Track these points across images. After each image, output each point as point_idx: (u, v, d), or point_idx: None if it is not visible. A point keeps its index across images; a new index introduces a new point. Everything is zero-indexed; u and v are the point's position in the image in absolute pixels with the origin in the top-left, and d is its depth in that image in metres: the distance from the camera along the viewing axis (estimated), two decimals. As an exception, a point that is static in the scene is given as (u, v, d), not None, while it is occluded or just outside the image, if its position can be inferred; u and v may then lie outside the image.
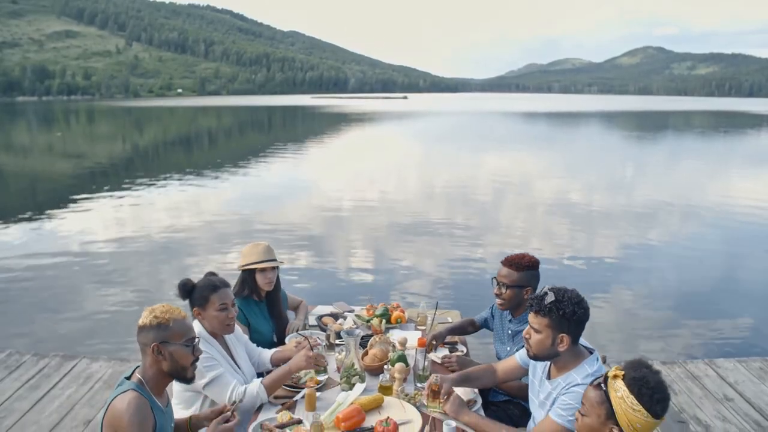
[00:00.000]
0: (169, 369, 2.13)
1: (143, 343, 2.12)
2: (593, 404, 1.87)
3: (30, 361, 5.00)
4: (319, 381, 2.85)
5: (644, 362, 1.86)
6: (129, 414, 1.98)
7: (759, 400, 4.44)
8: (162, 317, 2.11)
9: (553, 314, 2.23)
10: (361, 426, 2.44)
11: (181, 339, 2.13)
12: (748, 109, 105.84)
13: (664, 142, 35.23)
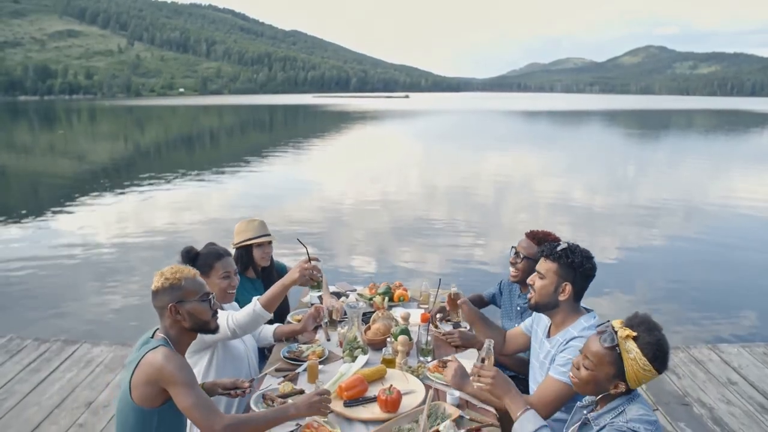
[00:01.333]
0: (191, 326, 2.14)
1: (160, 306, 2.12)
2: (603, 362, 1.86)
3: (31, 346, 4.99)
4: (321, 354, 2.84)
5: (653, 323, 1.85)
6: (173, 362, 2.00)
7: (763, 383, 4.42)
8: (173, 278, 2.12)
9: (562, 260, 2.31)
10: (364, 395, 2.42)
11: (196, 296, 2.14)
12: (751, 108, 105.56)
13: (667, 140, 35.17)
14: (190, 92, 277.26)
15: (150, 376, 1.98)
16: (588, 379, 1.90)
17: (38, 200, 14.53)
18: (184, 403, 1.97)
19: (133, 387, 2.01)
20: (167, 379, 1.97)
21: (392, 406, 2.30)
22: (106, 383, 4.36)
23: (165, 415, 2.05)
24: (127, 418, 2.04)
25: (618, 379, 1.85)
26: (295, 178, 17.98)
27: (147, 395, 2.00)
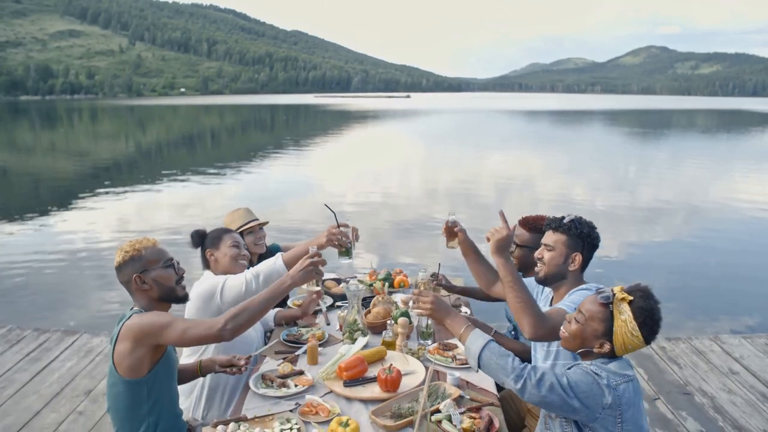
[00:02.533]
0: (159, 294, 2.13)
1: (125, 281, 2.13)
2: (594, 317, 1.88)
3: (31, 336, 4.98)
4: (321, 337, 2.83)
5: (651, 292, 1.86)
6: (148, 314, 2.03)
7: (764, 373, 4.41)
8: (131, 250, 2.13)
9: (571, 231, 2.34)
10: (364, 376, 2.41)
11: (158, 263, 2.14)
12: (752, 107, 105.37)
13: (668, 140, 35.11)
14: (192, 92, 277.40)
15: (135, 339, 1.98)
16: (576, 332, 1.91)
17: (39, 198, 14.54)
18: (176, 333, 1.98)
19: (119, 361, 2.01)
20: (149, 329, 1.97)
21: (392, 385, 2.29)
22: (106, 372, 4.33)
23: (153, 383, 2.06)
24: (118, 395, 2.05)
25: (605, 338, 1.86)
26: (296, 177, 17.95)
27: (134, 363, 1.99)
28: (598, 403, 1.78)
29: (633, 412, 1.81)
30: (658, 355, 4.71)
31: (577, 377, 1.82)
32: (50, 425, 3.65)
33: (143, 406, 2.06)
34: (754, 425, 3.70)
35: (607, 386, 1.79)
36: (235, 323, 2.03)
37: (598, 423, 1.80)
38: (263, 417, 2.12)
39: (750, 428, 3.67)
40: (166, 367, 2.15)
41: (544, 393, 1.79)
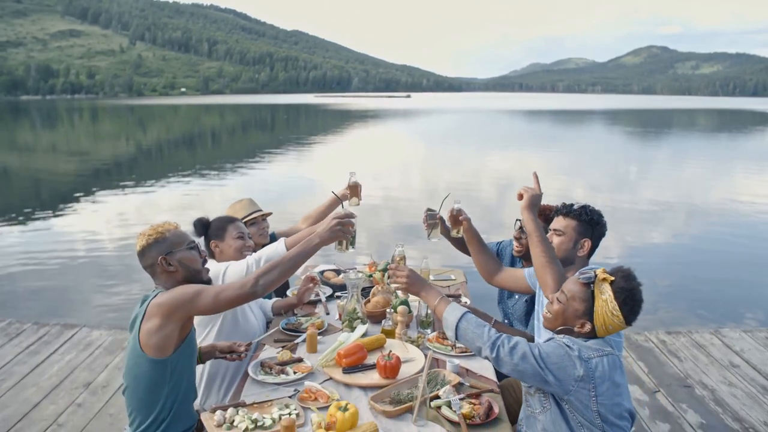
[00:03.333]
0: (185, 275, 2.13)
1: (149, 264, 2.12)
2: (575, 297, 1.90)
3: (30, 329, 4.98)
4: (320, 326, 2.82)
5: (633, 274, 1.89)
6: (176, 289, 2.03)
7: (765, 366, 4.39)
8: (155, 233, 2.12)
9: (582, 217, 2.41)
10: (363, 363, 2.40)
11: (182, 245, 2.14)
12: (753, 107, 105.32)
13: (668, 138, 35.08)
14: (192, 92, 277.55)
15: (165, 314, 1.98)
16: (558, 312, 1.94)
17: (40, 197, 14.52)
18: (209, 299, 1.99)
19: (145, 340, 2.00)
20: (180, 301, 1.98)
21: (391, 371, 2.28)
22: (105, 365, 4.34)
23: (177, 363, 2.06)
24: (141, 375, 2.03)
25: (585, 317, 1.88)
26: (297, 176, 17.92)
27: (161, 342, 1.99)
28: (569, 374, 1.79)
29: (608, 387, 1.81)
30: (659, 349, 4.70)
31: (549, 349, 1.85)
32: (49, 417, 3.64)
33: (165, 386, 2.05)
34: (754, 417, 3.69)
35: (579, 358, 1.80)
36: (266, 279, 2.05)
37: (572, 396, 1.81)
38: (262, 403, 2.12)
39: (751, 420, 3.66)
40: (189, 348, 2.16)
41: (516, 361, 1.83)
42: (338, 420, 1.89)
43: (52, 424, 3.56)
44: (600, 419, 1.82)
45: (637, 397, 3.94)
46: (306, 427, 1.97)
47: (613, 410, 1.83)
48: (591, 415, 1.82)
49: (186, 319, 2.06)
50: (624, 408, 1.86)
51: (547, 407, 1.91)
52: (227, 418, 1.99)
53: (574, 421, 1.86)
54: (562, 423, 1.87)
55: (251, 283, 2.02)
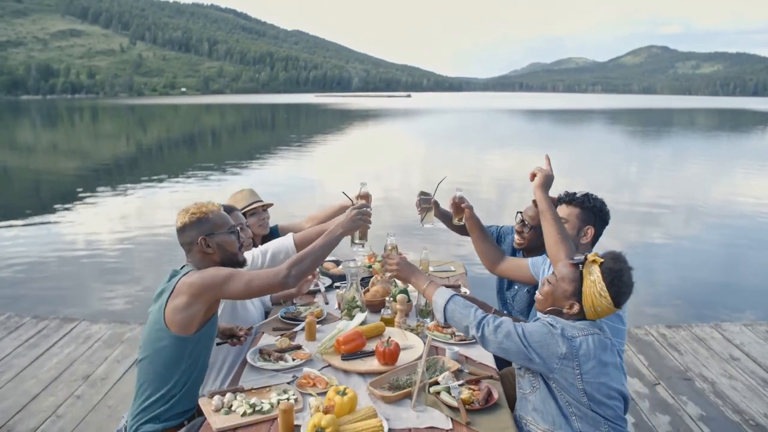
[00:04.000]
0: (221, 258, 2.15)
1: (188, 242, 2.14)
2: (564, 278, 1.93)
3: (29, 323, 4.97)
4: (320, 314, 2.81)
5: (623, 257, 1.91)
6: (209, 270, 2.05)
7: (766, 359, 4.38)
8: (199, 212, 2.14)
9: (585, 204, 2.43)
10: (362, 349, 2.39)
11: (223, 228, 2.17)
12: (754, 107, 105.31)
13: (670, 137, 35.06)
14: (192, 92, 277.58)
15: (194, 293, 1.98)
16: (547, 293, 1.97)
17: (40, 195, 14.51)
18: (240, 284, 2.00)
19: (171, 316, 2.01)
20: (211, 282, 1.99)
21: (390, 358, 2.27)
22: (105, 358, 4.34)
23: (197, 343, 2.07)
24: (163, 349, 2.04)
25: (574, 298, 1.90)
26: (298, 175, 17.89)
27: (186, 320, 2.00)
28: (552, 352, 1.82)
29: (594, 366, 1.82)
30: (659, 342, 4.69)
31: (533, 328, 1.89)
32: (48, 408, 3.63)
33: (183, 363, 2.06)
34: (755, 409, 3.68)
35: (561, 336, 1.83)
36: (298, 269, 2.07)
37: (557, 374, 1.84)
38: (260, 388, 2.11)
39: (751, 413, 3.65)
40: (212, 329, 2.17)
41: (500, 339, 1.89)
42: (336, 404, 1.88)
43: (50, 416, 3.55)
44: (586, 398, 1.83)
45: (637, 390, 3.93)
46: (304, 412, 1.96)
47: (600, 389, 1.84)
48: (577, 394, 1.84)
49: (213, 301, 2.07)
50: (613, 388, 1.86)
51: (536, 387, 1.94)
52: (225, 402, 1.98)
53: (562, 400, 1.88)
54: (551, 402, 1.90)
55: (284, 273, 2.04)
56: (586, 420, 1.86)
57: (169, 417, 2.10)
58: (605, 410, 1.85)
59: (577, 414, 1.86)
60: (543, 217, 2.32)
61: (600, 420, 1.85)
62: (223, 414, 1.94)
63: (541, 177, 2.39)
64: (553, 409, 1.90)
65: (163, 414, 2.09)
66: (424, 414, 1.99)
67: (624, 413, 1.96)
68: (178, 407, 2.11)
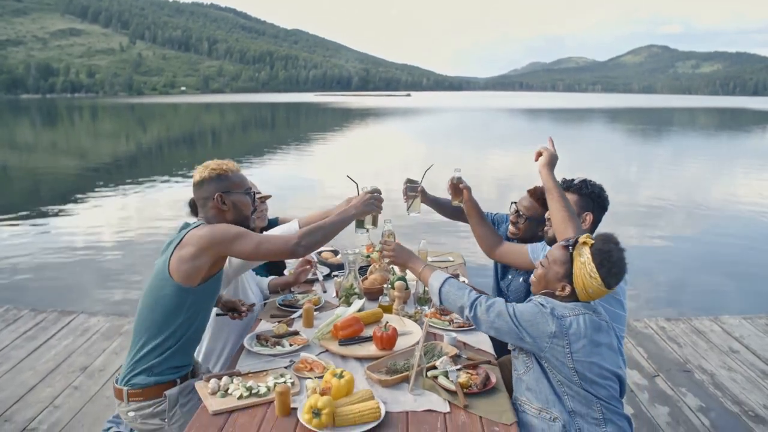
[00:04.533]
0: (234, 218, 2.15)
1: (204, 197, 2.14)
2: (556, 260, 1.94)
3: (28, 316, 4.96)
4: (317, 302, 2.80)
5: (614, 238, 1.91)
6: (221, 225, 2.05)
7: (765, 351, 4.38)
8: (219, 168, 2.16)
9: (583, 191, 2.42)
10: (360, 335, 2.38)
11: (240, 188, 2.18)
12: (753, 106, 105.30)
13: (670, 136, 35.05)
14: (192, 91, 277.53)
15: (202, 246, 1.98)
16: (541, 275, 1.99)
17: (39, 194, 14.45)
18: (250, 245, 2.00)
19: (176, 265, 2.00)
20: (221, 237, 1.99)
21: (388, 343, 2.26)
22: (103, 350, 4.33)
23: (199, 297, 2.07)
24: (163, 297, 2.03)
25: (566, 280, 1.91)
26: (297, 175, 17.86)
27: (191, 270, 2.00)
28: (543, 331, 1.84)
29: (585, 345, 1.82)
30: (658, 335, 4.68)
31: (524, 308, 1.91)
32: (45, 399, 3.62)
33: (181, 315, 2.04)
34: (754, 401, 3.68)
35: (551, 315, 1.85)
36: (309, 240, 2.07)
37: (548, 353, 1.85)
38: (257, 372, 2.10)
39: (750, 404, 3.64)
40: (214, 287, 2.15)
41: (492, 318, 1.93)
42: (333, 386, 1.87)
43: (48, 406, 3.54)
44: (577, 377, 1.84)
45: (636, 381, 3.92)
46: (301, 395, 1.95)
47: (592, 369, 1.84)
48: (568, 372, 1.84)
49: (219, 257, 2.06)
50: (606, 369, 1.86)
51: (529, 366, 1.95)
52: (221, 386, 1.97)
53: (554, 379, 1.89)
54: (544, 381, 1.91)
55: (295, 241, 2.04)
56: (578, 399, 1.86)
57: (162, 371, 2.08)
58: (598, 390, 1.85)
59: (569, 393, 1.87)
60: (550, 195, 2.31)
61: (592, 399, 1.85)
62: (219, 397, 1.93)
63: (546, 156, 2.39)
64: (545, 388, 1.90)
65: (157, 366, 2.07)
66: (421, 397, 1.97)
67: (621, 395, 1.95)
68: (173, 361, 2.09)
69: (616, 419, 1.88)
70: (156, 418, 2.09)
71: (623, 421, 1.90)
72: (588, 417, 1.86)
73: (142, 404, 2.08)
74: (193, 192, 2.18)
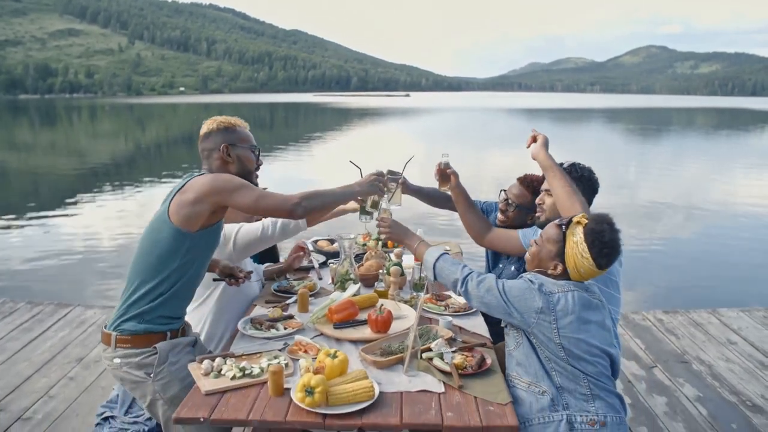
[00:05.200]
0: (237, 171, 2.15)
1: (209, 148, 2.16)
2: (549, 239, 1.96)
3: (24, 308, 4.94)
4: (313, 287, 2.79)
5: (608, 218, 1.91)
6: (224, 175, 2.06)
7: (763, 343, 4.37)
8: (227, 122, 2.18)
9: (571, 174, 2.40)
10: (354, 319, 2.37)
11: (246, 143, 2.19)
12: (752, 106, 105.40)
13: (669, 135, 35.08)
14: (191, 91, 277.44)
15: (203, 193, 1.98)
16: (534, 253, 2.02)
17: (39, 192, 14.43)
18: (249, 198, 1.99)
19: (176, 209, 2.00)
20: (222, 186, 1.98)
21: (383, 326, 2.25)
22: (98, 341, 4.26)
23: (196, 243, 2.04)
24: (160, 240, 2.01)
25: (558, 259, 1.93)
26: (297, 176, 17.80)
27: (190, 215, 1.99)
28: (530, 306, 1.86)
29: (572, 321, 1.83)
30: (656, 327, 4.67)
31: (513, 283, 1.94)
32: (40, 389, 3.61)
33: (177, 260, 2.01)
34: (752, 390, 3.67)
35: (539, 291, 1.87)
36: (308, 203, 2.05)
37: (535, 329, 1.87)
38: (251, 354, 2.08)
39: (748, 393, 3.63)
40: (212, 238, 2.13)
41: (482, 293, 1.96)
42: (327, 366, 1.86)
43: (43, 396, 3.52)
44: (564, 353, 1.85)
45: (634, 372, 3.91)
46: (295, 377, 1.94)
47: (579, 345, 1.84)
48: (555, 348, 1.85)
49: (219, 207, 2.04)
50: (594, 345, 1.86)
51: (519, 342, 1.97)
52: (215, 366, 1.96)
53: (542, 355, 1.90)
54: (533, 356, 1.92)
55: (295, 200, 2.02)
56: (566, 375, 1.87)
57: (153, 318, 2.05)
58: (585, 366, 1.86)
59: (557, 369, 1.88)
60: (552, 173, 2.31)
61: (580, 375, 1.86)
62: (212, 378, 1.91)
63: (542, 138, 2.41)
64: (534, 363, 1.92)
65: (148, 313, 2.04)
66: (416, 378, 1.96)
67: (613, 375, 1.96)
68: (164, 309, 2.06)
69: (605, 396, 1.88)
70: (142, 370, 2.04)
71: (613, 398, 1.90)
72: (576, 393, 1.87)
73: (130, 351, 2.04)
74: (199, 144, 2.19)
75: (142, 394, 2.08)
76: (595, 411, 1.85)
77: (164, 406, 2.05)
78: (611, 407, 1.87)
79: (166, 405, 2.04)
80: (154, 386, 2.05)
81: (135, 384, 2.07)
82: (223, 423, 1.75)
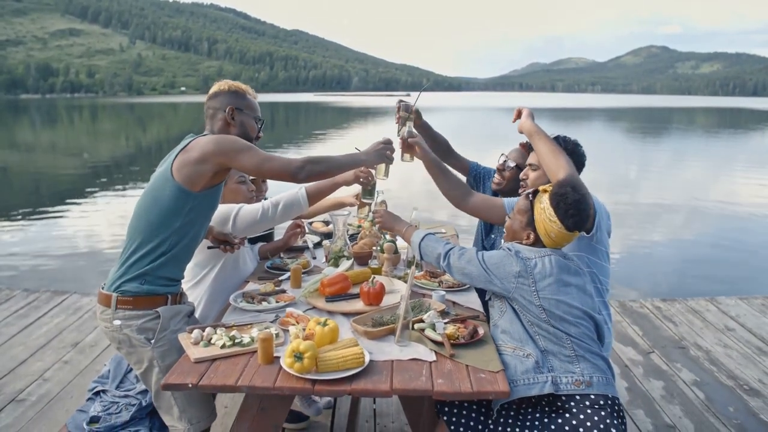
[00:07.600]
0: (238, 135, 2.13)
1: (216, 107, 2.15)
2: (519, 210, 2.05)
3: (20, 295, 4.93)
4: (306, 265, 2.77)
5: (570, 182, 1.97)
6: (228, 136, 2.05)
7: (761, 330, 4.35)
8: (237, 87, 2.17)
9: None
10: (347, 292, 2.36)
11: (252, 112, 2.20)
12: (753, 106, 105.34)
13: (669, 135, 35.06)
14: (192, 91, 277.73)
15: (206, 152, 1.96)
16: (508, 226, 2.11)
17: (39, 191, 14.41)
18: (253, 160, 1.97)
19: (179, 167, 1.97)
20: (226, 147, 1.97)
21: (375, 298, 2.24)
22: (94, 327, 4.29)
23: (197, 204, 2.02)
24: (162, 198, 1.99)
25: (530, 228, 2.01)
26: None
27: (193, 174, 1.96)
28: (508, 272, 1.93)
29: (551, 283, 1.89)
30: (654, 314, 4.66)
31: (492, 253, 2.02)
32: (35, 372, 3.60)
33: (178, 219, 1.99)
34: (749, 375, 3.65)
35: (515, 256, 1.95)
36: (311, 168, 2.03)
37: (515, 293, 1.93)
38: (242, 326, 2.07)
39: (745, 378, 3.61)
40: (213, 198, 2.10)
41: (463, 264, 2.03)
42: (317, 333, 1.84)
43: (37, 379, 3.52)
44: (545, 314, 1.88)
45: (631, 357, 3.90)
46: (285, 346, 1.92)
47: (559, 306, 1.88)
48: (536, 311, 1.90)
49: (222, 168, 2.01)
50: (575, 307, 1.89)
51: (503, 310, 2.01)
52: (205, 336, 1.94)
53: (525, 320, 1.94)
54: (517, 322, 1.96)
55: (299, 164, 2.00)
56: (549, 338, 1.90)
57: (154, 279, 2.02)
58: (567, 327, 1.87)
59: (540, 333, 1.91)
60: (536, 137, 2.33)
61: (563, 336, 1.88)
62: (202, 346, 1.90)
63: (527, 111, 2.44)
64: (519, 329, 1.95)
65: (149, 274, 2.01)
66: (407, 348, 1.95)
67: (600, 341, 1.97)
68: (164, 270, 2.04)
69: (590, 357, 1.88)
70: (142, 334, 2.01)
71: (598, 360, 1.89)
72: (560, 355, 1.88)
73: (132, 313, 2.00)
74: (206, 102, 2.17)
75: (139, 359, 2.06)
76: (581, 372, 1.85)
77: (159, 374, 2.03)
78: (597, 368, 1.87)
79: (162, 373, 2.02)
80: (153, 352, 2.03)
81: (133, 348, 2.04)
82: (211, 389, 1.74)
